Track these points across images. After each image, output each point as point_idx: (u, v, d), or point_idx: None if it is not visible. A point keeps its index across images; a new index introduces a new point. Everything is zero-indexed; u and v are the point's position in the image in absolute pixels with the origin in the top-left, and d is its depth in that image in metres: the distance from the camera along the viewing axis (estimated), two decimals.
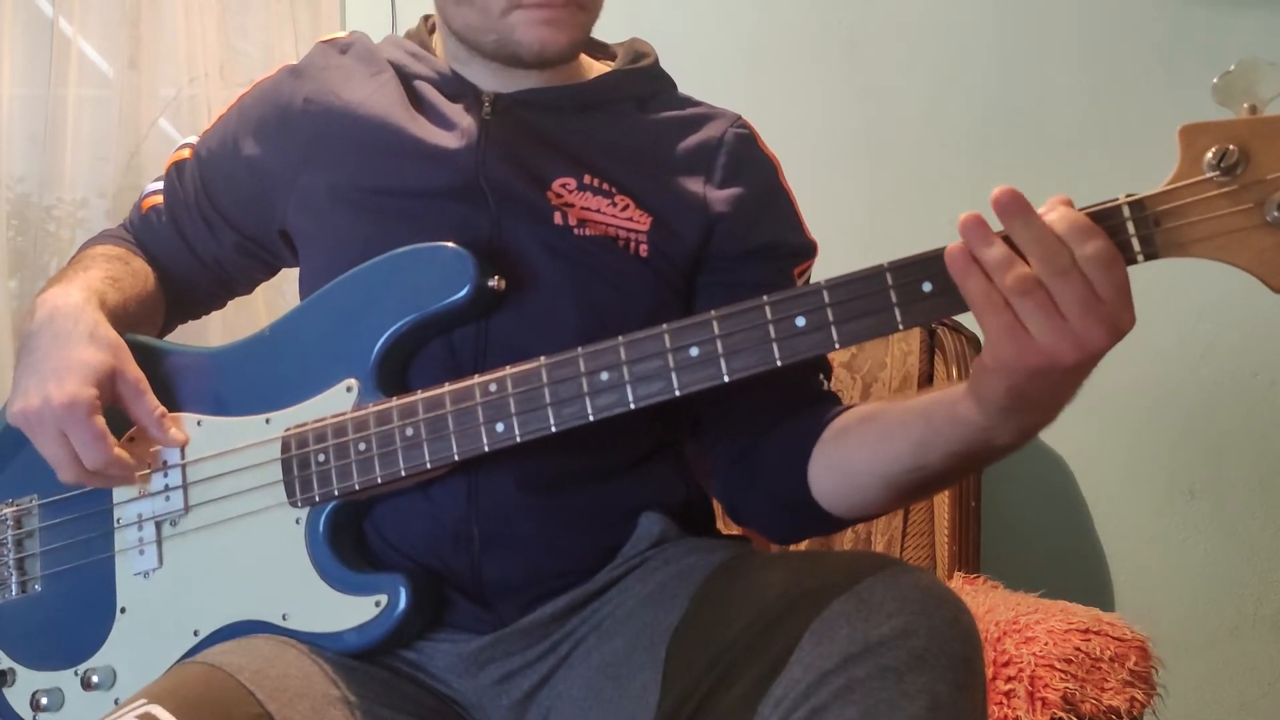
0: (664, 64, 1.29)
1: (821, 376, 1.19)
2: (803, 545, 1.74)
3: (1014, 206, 0.87)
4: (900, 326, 0.94)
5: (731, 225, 1.20)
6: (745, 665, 0.93)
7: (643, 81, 1.26)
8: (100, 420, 1.10)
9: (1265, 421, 2.14)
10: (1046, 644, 1.43)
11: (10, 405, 1.13)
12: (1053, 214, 0.88)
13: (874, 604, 0.90)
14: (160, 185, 1.34)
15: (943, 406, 0.99)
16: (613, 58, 1.30)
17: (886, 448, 1.04)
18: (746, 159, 1.23)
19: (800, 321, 0.96)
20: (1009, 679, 1.42)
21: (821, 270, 1.27)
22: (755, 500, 1.17)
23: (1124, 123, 2.16)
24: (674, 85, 1.29)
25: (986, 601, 1.61)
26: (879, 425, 1.06)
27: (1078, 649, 1.43)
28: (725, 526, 1.27)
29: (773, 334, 0.97)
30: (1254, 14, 2.15)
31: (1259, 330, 2.10)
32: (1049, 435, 2.16)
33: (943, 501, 1.86)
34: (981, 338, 0.92)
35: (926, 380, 1.90)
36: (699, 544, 1.15)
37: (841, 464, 1.09)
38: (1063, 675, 1.40)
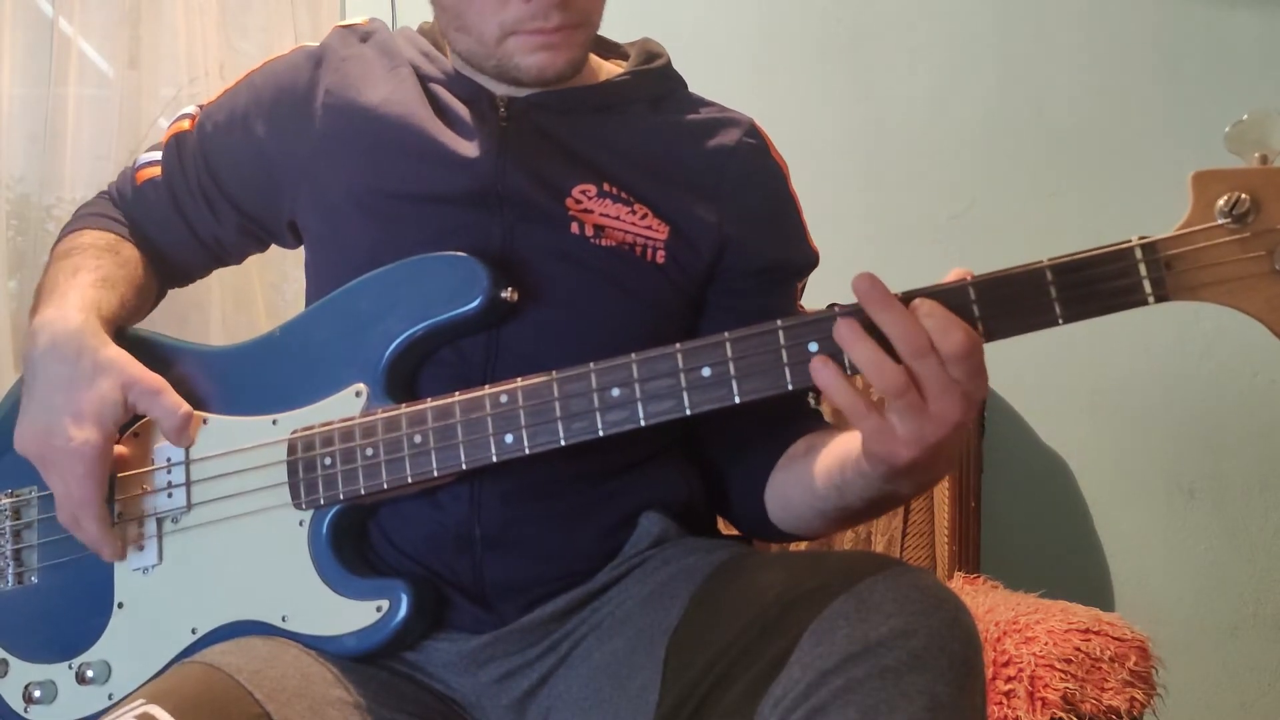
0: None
1: (810, 394, 1.19)
2: (802, 545, 1.74)
3: (871, 294, 0.92)
4: None
5: (741, 244, 1.20)
6: (744, 665, 0.93)
7: (657, 83, 1.26)
8: (100, 469, 1.11)
9: (1265, 421, 2.14)
10: (1046, 644, 1.43)
11: (20, 433, 1.13)
12: (921, 307, 0.92)
13: (873, 604, 0.90)
14: (157, 156, 1.30)
15: (851, 462, 1.02)
16: (624, 57, 1.29)
17: (816, 485, 1.08)
18: (758, 171, 1.24)
19: (813, 347, 0.97)
20: (1009, 679, 1.42)
21: (821, 269, 1.27)
22: (727, 506, 1.23)
23: (1123, 122, 2.16)
24: (685, 85, 1.29)
25: (986, 601, 1.61)
26: (811, 465, 1.10)
27: (1078, 649, 1.43)
28: (725, 526, 1.27)
29: (785, 358, 0.98)
30: (1254, 13, 2.15)
31: (1259, 330, 2.09)
32: (1049, 435, 2.17)
33: (943, 501, 1.86)
34: None
35: None
36: (699, 544, 1.15)
37: (785, 496, 1.15)
38: (1063, 675, 1.40)
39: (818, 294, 1.22)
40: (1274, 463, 2.14)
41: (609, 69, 1.28)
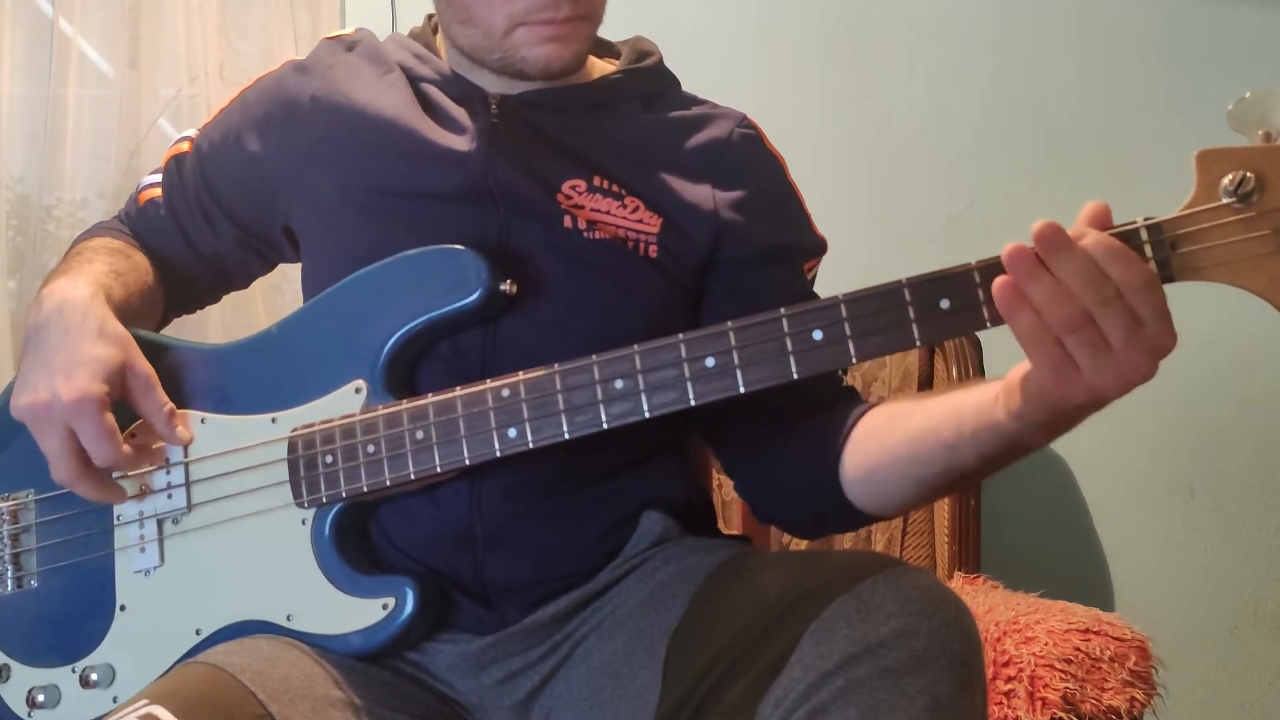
0: (666, 64, 1.29)
1: (839, 371, 1.18)
2: (802, 544, 1.74)
3: (1055, 241, 0.87)
4: (917, 343, 0.95)
5: (740, 230, 1.20)
6: (745, 665, 0.93)
7: (649, 81, 1.26)
8: (110, 417, 1.09)
9: (1265, 421, 2.14)
10: (1046, 644, 1.43)
11: (16, 398, 1.12)
12: (1086, 240, 0.87)
13: (874, 605, 0.90)
14: (158, 178, 1.33)
15: (974, 412, 0.98)
16: (616, 56, 1.30)
17: (918, 451, 1.04)
18: (753, 160, 1.24)
19: (817, 335, 0.97)
20: (1009, 679, 1.42)
21: (822, 268, 1.27)
22: (782, 499, 1.18)
23: (1123, 121, 2.17)
24: (678, 84, 1.29)
25: (986, 601, 1.61)
26: (909, 428, 1.05)
27: (1078, 649, 1.43)
28: (725, 526, 1.27)
29: (789, 346, 0.97)
30: (1253, 12, 2.15)
31: (1259, 329, 2.10)
32: None
33: (943, 501, 1.86)
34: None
35: (926, 380, 1.90)
36: (699, 544, 1.15)
37: (871, 467, 1.08)
38: (1063, 675, 1.40)
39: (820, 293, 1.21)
40: (1274, 462, 2.14)
41: (602, 67, 1.28)
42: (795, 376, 0.97)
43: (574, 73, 1.20)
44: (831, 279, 1.27)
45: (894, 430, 1.07)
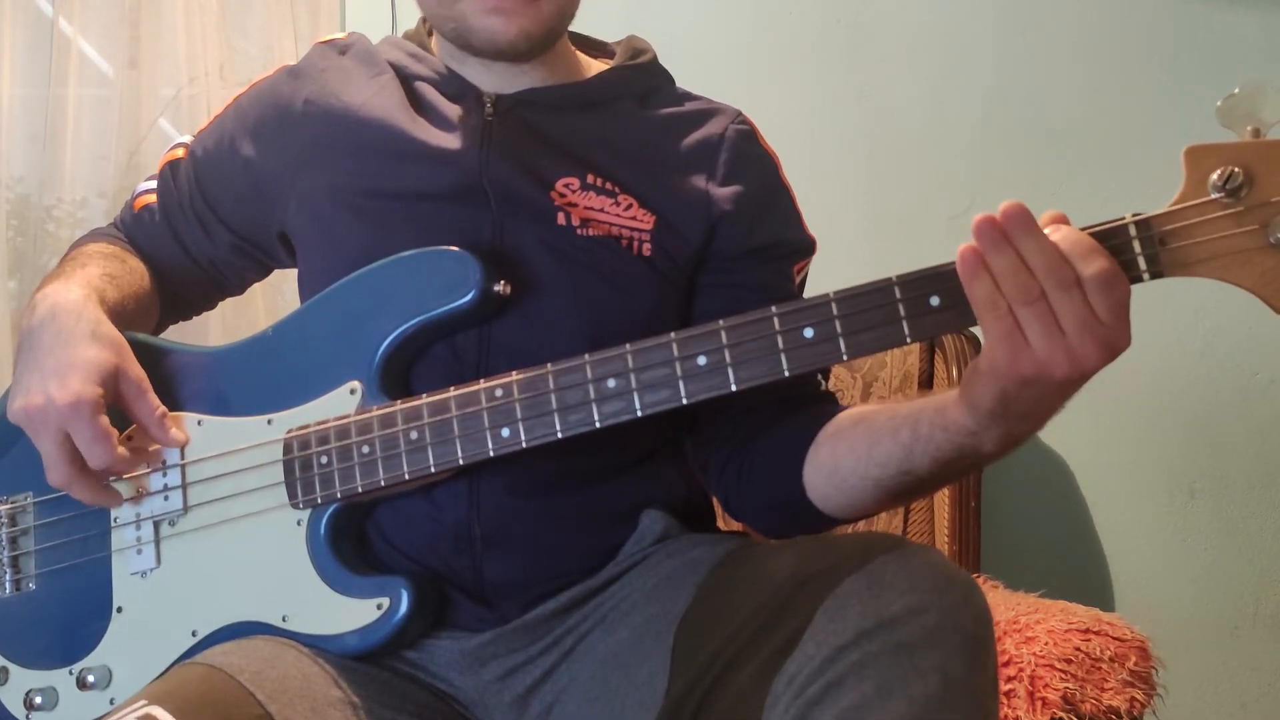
0: (664, 63, 1.29)
1: (819, 376, 1.19)
2: None
3: (1019, 221, 0.89)
4: (908, 340, 0.96)
5: (734, 224, 1.20)
6: (757, 645, 0.93)
7: (643, 78, 1.26)
8: (104, 419, 1.10)
9: (1265, 421, 2.13)
10: (1046, 644, 1.43)
11: (11, 402, 1.13)
12: (1058, 232, 0.89)
13: (886, 582, 0.90)
14: (153, 184, 1.33)
15: (932, 412, 1.00)
16: (611, 56, 1.30)
17: (876, 451, 1.05)
18: (748, 156, 1.24)
19: (808, 333, 0.97)
20: (1009, 679, 1.42)
21: (819, 267, 1.27)
22: (750, 497, 1.18)
23: (1123, 122, 2.16)
24: (673, 81, 1.29)
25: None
26: (869, 429, 1.07)
27: (1078, 649, 1.43)
28: (725, 524, 1.27)
29: (781, 344, 0.98)
30: (1253, 13, 2.15)
31: (1259, 329, 2.10)
32: (1049, 435, 2.17)
33: (943, 501, 1.86)
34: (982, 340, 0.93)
35: (926, 380, 1.90)
36: (702, 538, 1.15)
37: (833, 466, 1.10)
38: (1063, 675, 1.40)
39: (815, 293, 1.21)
40: (1274, 462, 2.13)
41: (597, 67, 1.28)
42: (786, 374, 0.98)
43: (526, 56, 1.19)
44: (831, 279, 1.26)
45: (857, 430, 1.08)
